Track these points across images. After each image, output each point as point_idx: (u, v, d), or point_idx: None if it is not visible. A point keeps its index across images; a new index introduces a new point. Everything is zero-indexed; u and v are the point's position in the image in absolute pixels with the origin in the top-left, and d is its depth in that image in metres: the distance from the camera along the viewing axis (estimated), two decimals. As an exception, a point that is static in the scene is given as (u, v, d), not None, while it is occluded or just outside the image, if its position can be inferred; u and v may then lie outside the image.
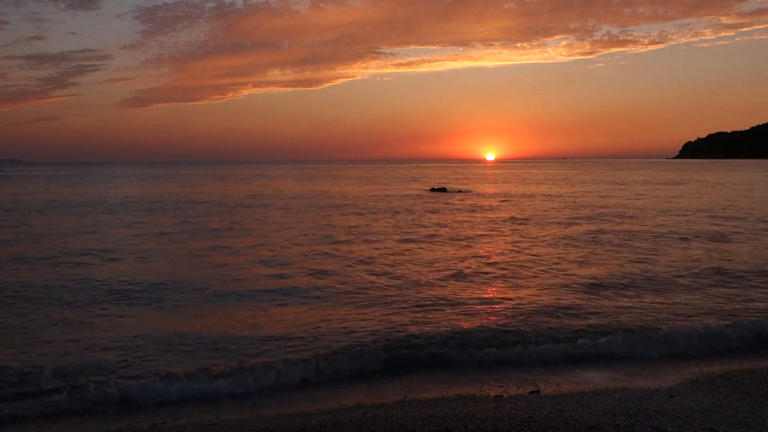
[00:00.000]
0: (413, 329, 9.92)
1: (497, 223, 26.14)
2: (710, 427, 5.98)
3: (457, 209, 33.48)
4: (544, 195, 45.17)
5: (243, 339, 9.64)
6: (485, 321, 10.54)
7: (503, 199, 41.77)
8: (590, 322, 10.44)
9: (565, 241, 20.26)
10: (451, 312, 11.15)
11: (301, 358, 8.62)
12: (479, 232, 23.01)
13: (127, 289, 13.08)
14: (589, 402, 6.84)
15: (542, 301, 11.93)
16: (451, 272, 14.91)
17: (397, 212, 31.32)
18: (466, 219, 28.24)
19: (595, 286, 13.19)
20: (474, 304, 11.72)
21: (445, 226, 24.92)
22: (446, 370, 8.56)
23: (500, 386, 7.83)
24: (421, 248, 18.94)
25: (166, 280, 13.88)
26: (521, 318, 10.66)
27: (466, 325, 10.29)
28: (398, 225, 25.51)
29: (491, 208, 34.00)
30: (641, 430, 5.88)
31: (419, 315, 10.95)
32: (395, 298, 12.20)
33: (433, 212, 31.65)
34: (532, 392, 7.50)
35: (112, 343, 9.50)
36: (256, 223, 26.72)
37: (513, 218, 28.12)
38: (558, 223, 25.70)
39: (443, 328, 9.97)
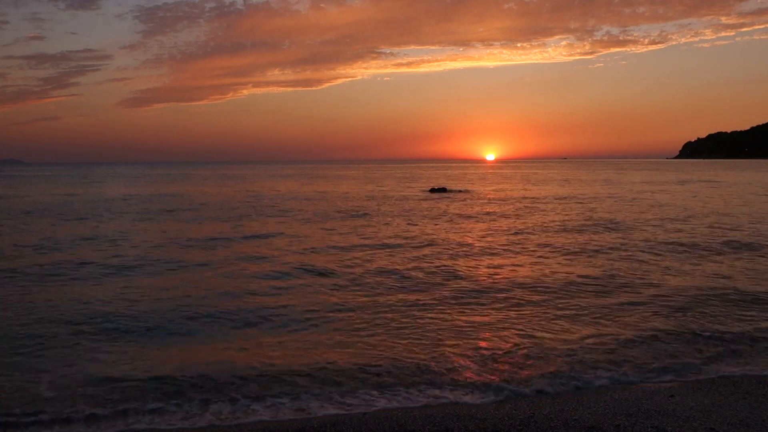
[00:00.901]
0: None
1: (504, 231, 25.90)
2: (710, 427, 5.97)
3: (459, 211, 33.40)
4: (546, 196, 45.06)
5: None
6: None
7: (505, 200, 41.71)
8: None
9: (587, 249, 20.19)
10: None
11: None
12: (487, 237, 22.80)
13: (125, 308, 12.81)
14: (589, 402, 6.83)
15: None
16: (475, 288, 12.88)
17: (399, 215, 31.08)
18: (469, 223, 28.15)
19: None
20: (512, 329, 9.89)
21: (449, 231, 24.60)
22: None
23: (500, 386, 7.81)
24: (429, 253, 18.49)
25: (170, 295, 12.71)
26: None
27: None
28: (400, 228, 25.41)
29: (496, 212, 33.92)
30: (641, 430, 5.87)
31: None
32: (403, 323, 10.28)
33: (434, 214, 31.56)
34: (532, 392, 7.49)
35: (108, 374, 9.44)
36: (257, 225, 26.69)
37: (516, 224, 28.01)
38: (569, 230, 25.50)
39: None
